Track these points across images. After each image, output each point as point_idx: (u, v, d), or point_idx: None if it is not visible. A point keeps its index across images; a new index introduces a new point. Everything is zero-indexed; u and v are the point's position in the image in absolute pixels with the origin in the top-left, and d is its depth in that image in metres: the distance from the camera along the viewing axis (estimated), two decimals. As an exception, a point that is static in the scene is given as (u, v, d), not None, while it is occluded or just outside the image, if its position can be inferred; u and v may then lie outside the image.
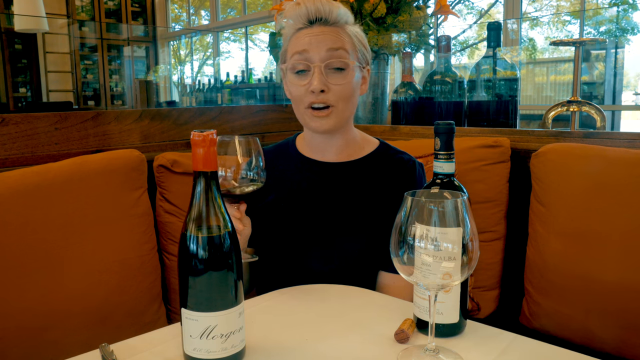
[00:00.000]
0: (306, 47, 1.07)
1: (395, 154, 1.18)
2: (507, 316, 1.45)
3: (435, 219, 0.68)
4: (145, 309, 1.28)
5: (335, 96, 1.07)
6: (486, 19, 4.92)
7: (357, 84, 1.12)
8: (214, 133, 0.70)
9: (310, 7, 1.07)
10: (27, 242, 1.11)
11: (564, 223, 1.25)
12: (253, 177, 0.90)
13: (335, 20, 1.09)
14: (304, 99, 1.08)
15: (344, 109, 1.09)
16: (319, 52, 1.06)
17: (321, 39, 1.07)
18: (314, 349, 0.78)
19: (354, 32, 1.12)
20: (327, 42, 1.07)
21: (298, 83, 1.09)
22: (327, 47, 1.06)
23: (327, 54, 1.06)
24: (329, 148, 1.16)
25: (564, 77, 4.01)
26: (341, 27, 1.10)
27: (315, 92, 1.06)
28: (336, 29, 1.09)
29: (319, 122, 1.09)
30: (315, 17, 1.08)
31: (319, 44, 1.06)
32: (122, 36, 7.64)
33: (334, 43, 1.07)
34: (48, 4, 4.49)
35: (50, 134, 1.36)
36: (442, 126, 0.83)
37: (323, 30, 1.08)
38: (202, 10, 7.88)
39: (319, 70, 1.06)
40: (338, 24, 1.10)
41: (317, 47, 1.06)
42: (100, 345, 0.77)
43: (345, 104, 1.09)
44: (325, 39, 1.07)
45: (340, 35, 1.09)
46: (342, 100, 1.08)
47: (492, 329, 0.84)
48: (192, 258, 0.70)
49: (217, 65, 7.51)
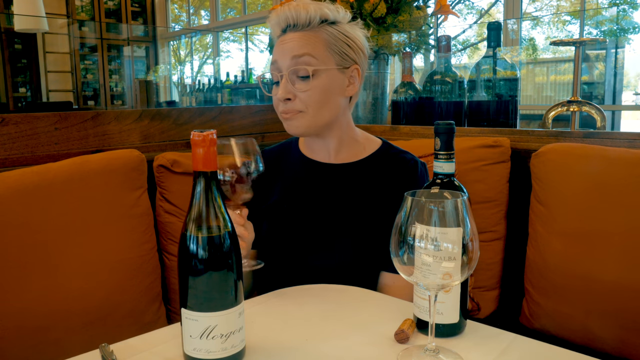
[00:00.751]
0: (275, 57, 1.08)
1: (398, 153, 1.17)
2: (507, 316, 1.45)
3: (436, 219, 0.68)
4: (145, 309, 1.28)
5: (302, 103, 1.06)
6: (486, 18, 4.92)
7: (332, 89, 1.08)
8: (213, 133, 0.70)
9: (281, 16, 1.07)
10: (27, 242, 1.11)
11: (564, 223, 1.25)
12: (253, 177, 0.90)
13: (305, 23, 1.06)
14: (278, 108, 1.10)
15: (315, 114, 1.07)
16: (284, 60, 1.06)
17: (287, 47, 1.06)
18: (314, 349, 0.78)
19: (333, 33, 1.08)
20: (292, 49, 1.05)
21: (273, 93, 1.10)
22: (291, 54, 1.05)
23: (292, 62, 1.05)
24: (324, 149, 1.16)
25: (564, 77, 4.01)
26: (313, 30, 1.07)
27: (282, 101, 1.06)
28: (306, 33, 1.06)
29: (287, 124, 1.10)
30: (286, 25, 1.08)
31: (284, 52, 1.06)
32: (122, 36, 7.64)
33: (299, 49, 1.05)
34: (48, 4, 4.48)
35: (50, 134, 1.36)
36: (442, 126, 0.83)
37: (292, 37, 1.06)
38: (202, 10, 7.88)
39: (284, 79, 1.06)
40: (310, 27, 1.07)
41: (282, 56, 1.06)
42: (100, 345, 0.77)
43: (316, 109, 1.07)
44: (291, 46, 1.05)
45: (308, 40, 1.06)
46: (310, 106, 1.06)
47: (492, 329, 0.84)
48: (192, 258, 0.70)
49: (217, 65, 7.51)
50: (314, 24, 1.07)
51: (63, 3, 6.89)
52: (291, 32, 1.07)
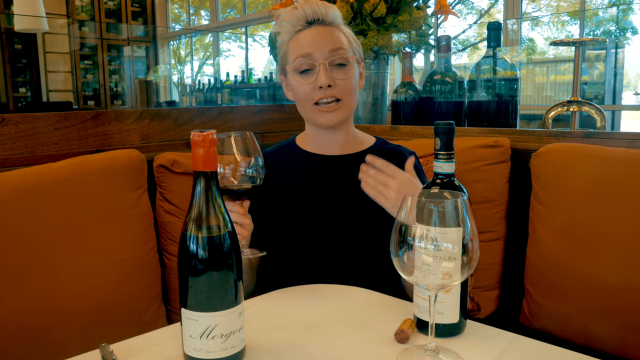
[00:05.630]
0: (308, 48, 1.13)
1: (395, 147, 1.26)
2: (507, 316, 1.45)
3: (435, 219, 0.68)
4: (145, 309, 1.28)
5: (341, 90, 1.13)
6: (486, 18, 4.92)
7: (356, 78, 1.18)
8: (213, 133, 0.70)
9: (308, 9, 1.14)
10: (27, 242, 1.11)
11: (564, 223, 1.25)
12: (252, 173, 0.90)
13: (332, 20, 1.16)
14: (311, 96, 1.13)
15: (350, 103, 1.15)
16: (322, 51, 1.12)
17: (322, 40, 1.13)
18: (314, 349, 0.78)
19: (347, 31, 1.19)
20: (328, 42, 1.13)
21: (304, 82, 1.14)
22: (329, 47, 1.12)
23: (330, 52, 1.12)
24: (333, 143, 1.21)
25: (564, 77, 4.01)
26: (337, 27, 1.16)
27: (324, 88, 1.12)
28: (333, 28, 1.15)
29: (327, 117, 1.14)
30: (313, 19, 1.14)
31: (321, 44, 1.12)
32: (122, 36, 7.63)
33: (335, 43, 1.13)
34: (48, 4, 4.48)
35: (50, 134, 1.36)
36: (442, 126, 0.83)
37: (321, 30, 1.14)
38: (202, 10, 7.88)
39: (324, 67, 1.12)
40: (334, 24, 1.16)
41: (319, 47, 1.12)
42: (100, 345, 0.77)
43: (350, 97, 1.15)
44: (326, 39, 1.13)
45: (338, 35, 1.15)
46: (347, 93, 1.14)
47: (492, 329, 0.84)
48: (192, 258, 0.70)
49: (217, 65, 7.51)
50: (336, 22, 1.17)
51: (63, 3, 6.89)
52: (318, 26, 1.15)
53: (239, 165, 0.89)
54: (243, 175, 0.90)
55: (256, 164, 0.91)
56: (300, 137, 1.27)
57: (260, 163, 0.91)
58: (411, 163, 1.05)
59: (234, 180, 0.90)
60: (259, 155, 0.91)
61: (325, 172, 1.19)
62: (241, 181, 0.90)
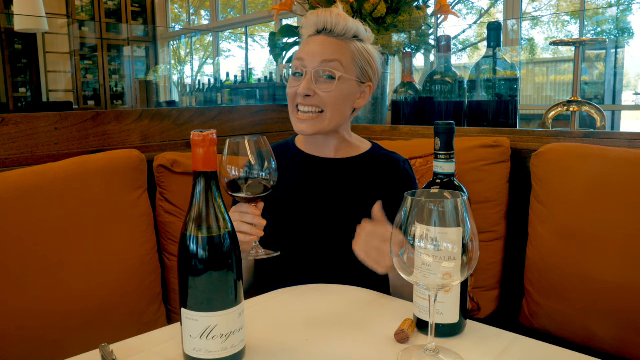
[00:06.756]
0: (304, 55, 1.14)
1: (389, 153, 1.26)
2: (507, 316, 1.45)
3: (435, 219, 0.68)
4: (145, 309, 1.28)
5: (322, 102, 1.13)
6: (486, 18, 4.92)
7: (349, 96, 1.16)
8: (214, 133, 0.70)
9: (320, 18, 1.15)
10: (27, 242, 1.11)
11: (564, 223, 1.25)
12: (266, 177, 0.91)
13: (341, 33, 1.14)
14: (293, 99, 1.16)
15: (331, 117, 1.14)
16: (313, 60, 1.12)
17: (320, 49, 1.13)
18: (314, 349, 0.78)
19: (360, 48, 1.16)
20: (324, 53, 1.12)
21: (292, 84, 1.16)
22: (322, 57, 1.12)
23: (321, 64, 1.12)
24: (325, 146, 1.22)
25: (564, 77, 4.01)
26: (345, 41, 1.15)
27: (300, 95, 1.13)
28: (338, 41, 1.14)
29: (301, 126, 1.15)
30: (322, 27, 1.15)
31: (314, 54, 1.13)
32: (122, 36, 7.63)
33: (331, 55, 1.12)
34: (48, 4, 4.48)
35: (50, 134, 1.36)
36: (442, 126, 0.83)
37: (326, 41, 1.14)
38: (202, 10, 7.88)
39: (308, 77, 1.12)
40: (344, 37, 1.15)
41: (313, 56, 1.13)
42: (100, 345, 0.77)
43: (332, 111, 1.14)
44: (323, 50, 1.13)
45: (340, 48, 1.14)
46: (329, 106, 1.13)
47: (492, 329, 0.84)
48: (192, 258, 0.70)
49: (217, 65, 7.51)
50: (347, 36, 1.15)
51: (63, 3, 6.89)
52: (325, 36, 1.15)
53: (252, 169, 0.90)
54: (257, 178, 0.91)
55: (269, 168, 0.92)
56: (299, 137, 1.28)
57: (273, 166, 0.92)
58: (379, 209, 0.98)
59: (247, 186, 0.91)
60: (273, 158, 0.92)
61: (319, 173, 1.21)
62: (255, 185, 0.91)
